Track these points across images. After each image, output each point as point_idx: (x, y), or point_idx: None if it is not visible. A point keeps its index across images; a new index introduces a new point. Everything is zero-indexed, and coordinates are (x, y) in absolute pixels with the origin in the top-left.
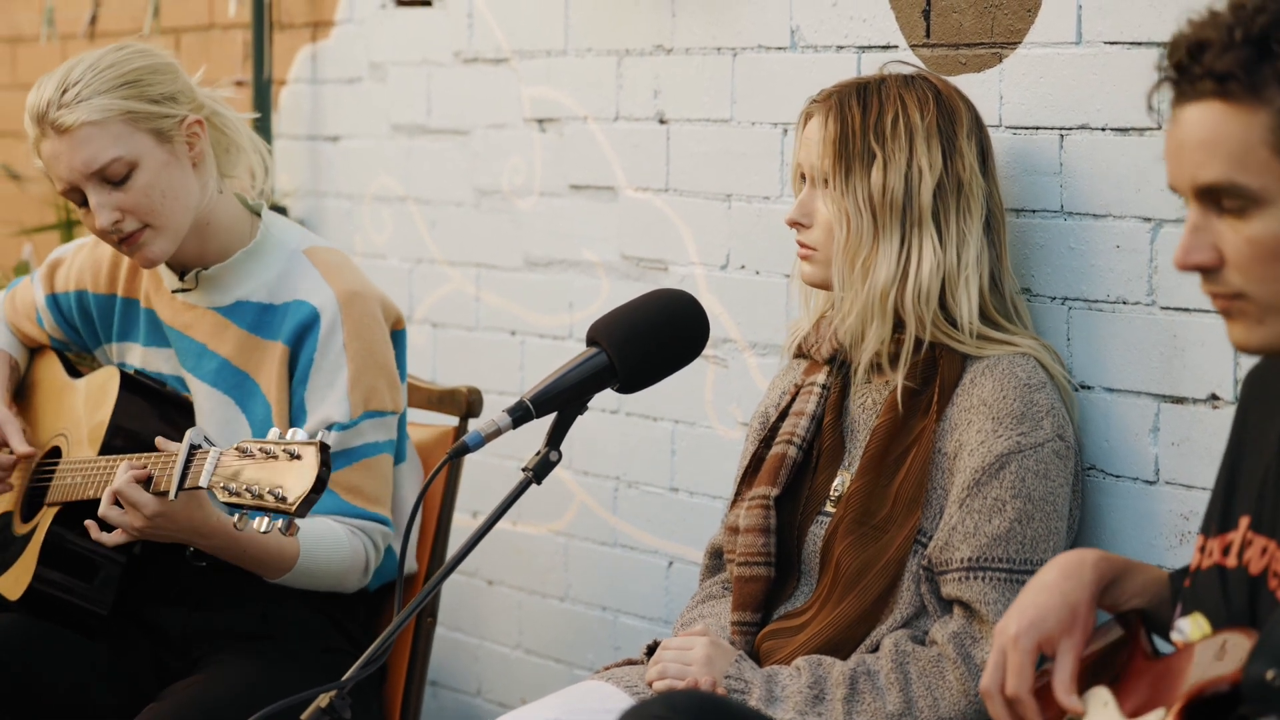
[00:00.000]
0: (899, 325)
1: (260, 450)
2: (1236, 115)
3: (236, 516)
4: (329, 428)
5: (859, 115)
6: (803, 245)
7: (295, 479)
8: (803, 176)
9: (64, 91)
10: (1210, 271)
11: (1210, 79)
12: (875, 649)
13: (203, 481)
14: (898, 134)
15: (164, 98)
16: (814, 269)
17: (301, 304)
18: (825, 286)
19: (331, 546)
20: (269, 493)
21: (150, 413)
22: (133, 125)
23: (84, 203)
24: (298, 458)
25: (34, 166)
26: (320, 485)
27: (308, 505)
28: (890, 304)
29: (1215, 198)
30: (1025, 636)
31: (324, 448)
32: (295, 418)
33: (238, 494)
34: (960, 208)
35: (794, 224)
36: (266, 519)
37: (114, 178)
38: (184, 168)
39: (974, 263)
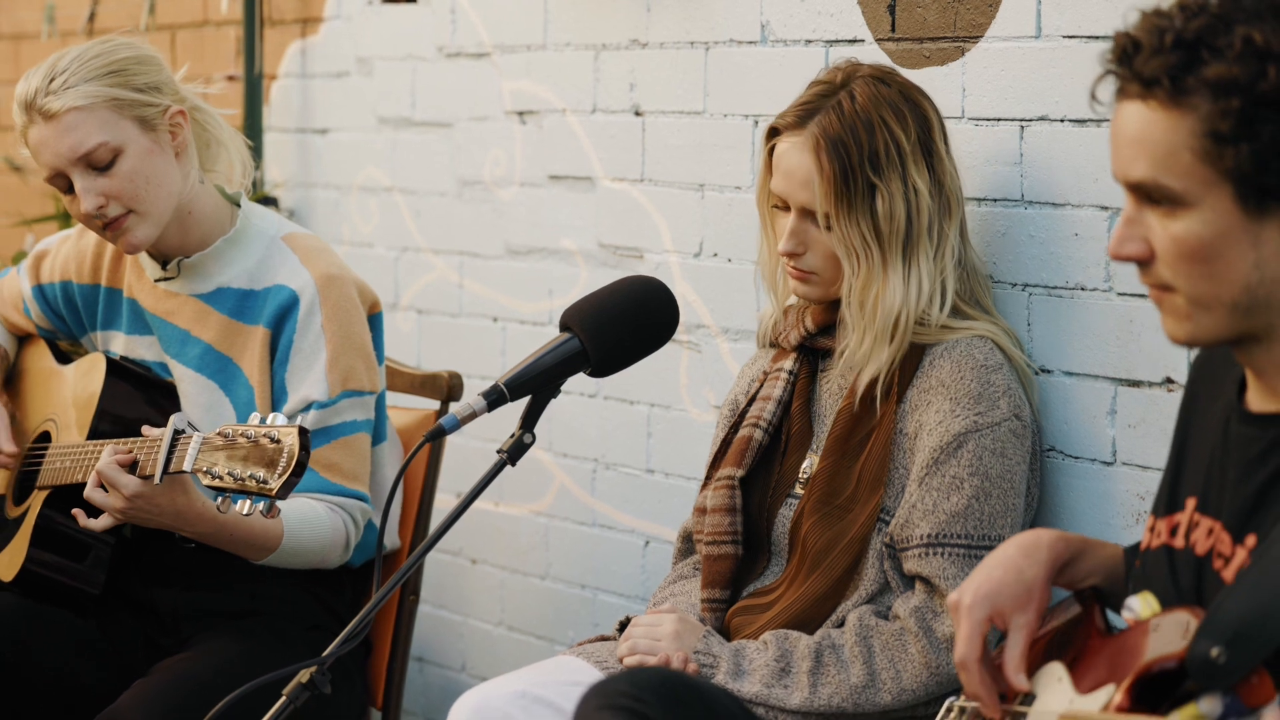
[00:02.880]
0: None
1: (242, 435)
2: (1163, 118)
3: (219, 500)
4: (308, 407)
5: (854, 149)
6: (799, 270)
7: (276, 463)
8: (777, 205)
9: (51, 80)
10: (1143, 263)
11: (1138, 82)
12: (841, 624)
13: (186, 466)
14: (891, 160)
15: (148, 87)
16: (811, 289)
17: (281, 288)
18: (823, 301)
19: (313, 525)
20: (250, 476)
21: (136, 397)
22: (118, 112)
23: (69, 189)
24: (278, 442)
25: (21, 155)
26: (300, 469)
27: (288, 488)
28: (901, 327)
29: (1145, 193)
30: (978, 607)
31: (303, 432)
32: (277, 399)
33: (220, 478)
34: (942, 211)
35: (789, 254)
36: (248, 502)
37: (99, 163)
38: (167, 156)
39: (952, 266)
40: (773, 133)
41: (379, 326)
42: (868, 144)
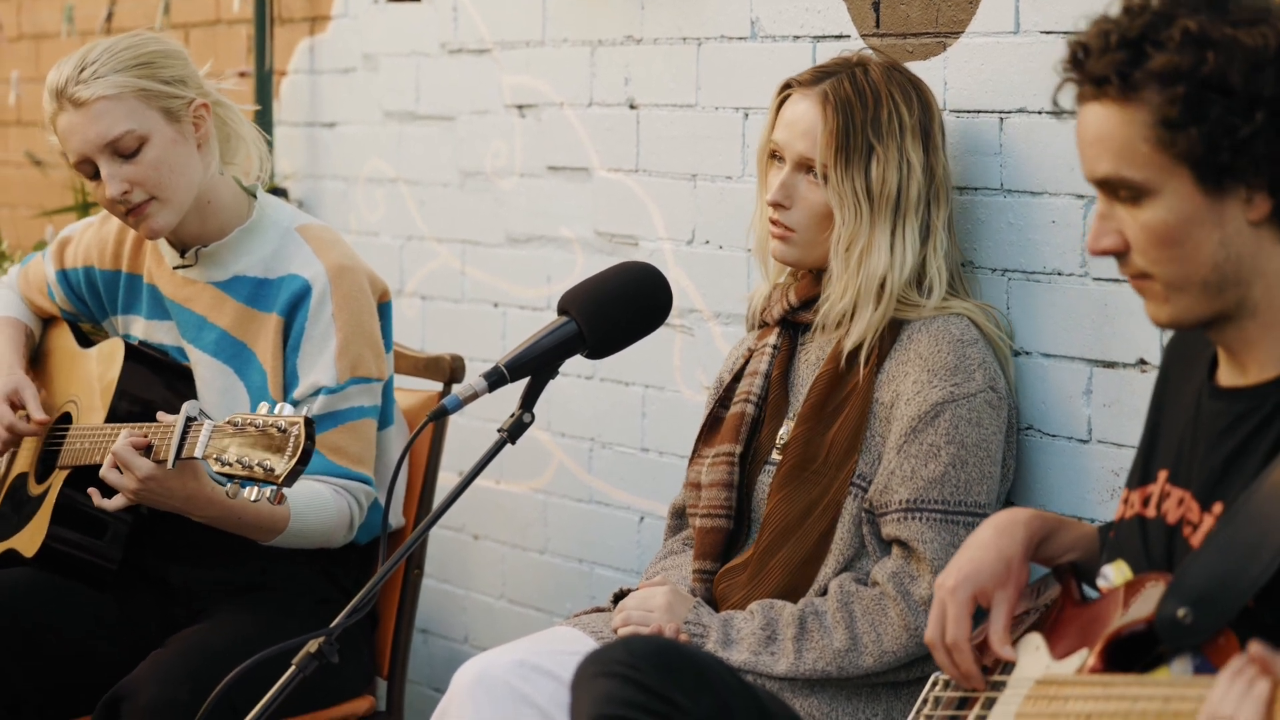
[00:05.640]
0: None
1: (251, 424)
2: (1117, 114)
3: (229, 485)
4: (317, 392)
5: (859, 110)
6: (780, 225)
7: (283, 451)
8: (774, 155)
9: (82, 69)
10: (1120, 255)
11: (1090, 83)
12: (824, 592)
13: (198, 452)
14: (892, 130)
15: (174, 80)
16: (789, 249)
17: (294, 278)
18: (798, 266)
19: (319, 507)
20: (258, 465)
21: (153, 380)
22: (145, 102)
23: (95, 175)
24: (284, 431)
25: (48, 142)
26: (305, 457)
27: (294, 476)
28: (887, 291)
29: (1113, 188)
30: (961, 589)
31: (309, 422)
32: (289, 383)
33: (230, 464)
34: (934, 200)
35: (775, 204)
36: (256, 488)
37: (125, 151)
38: (190, 147)
39: (943, 254)
40: (785, 88)
41: (388, 315)
42: (873, 108)
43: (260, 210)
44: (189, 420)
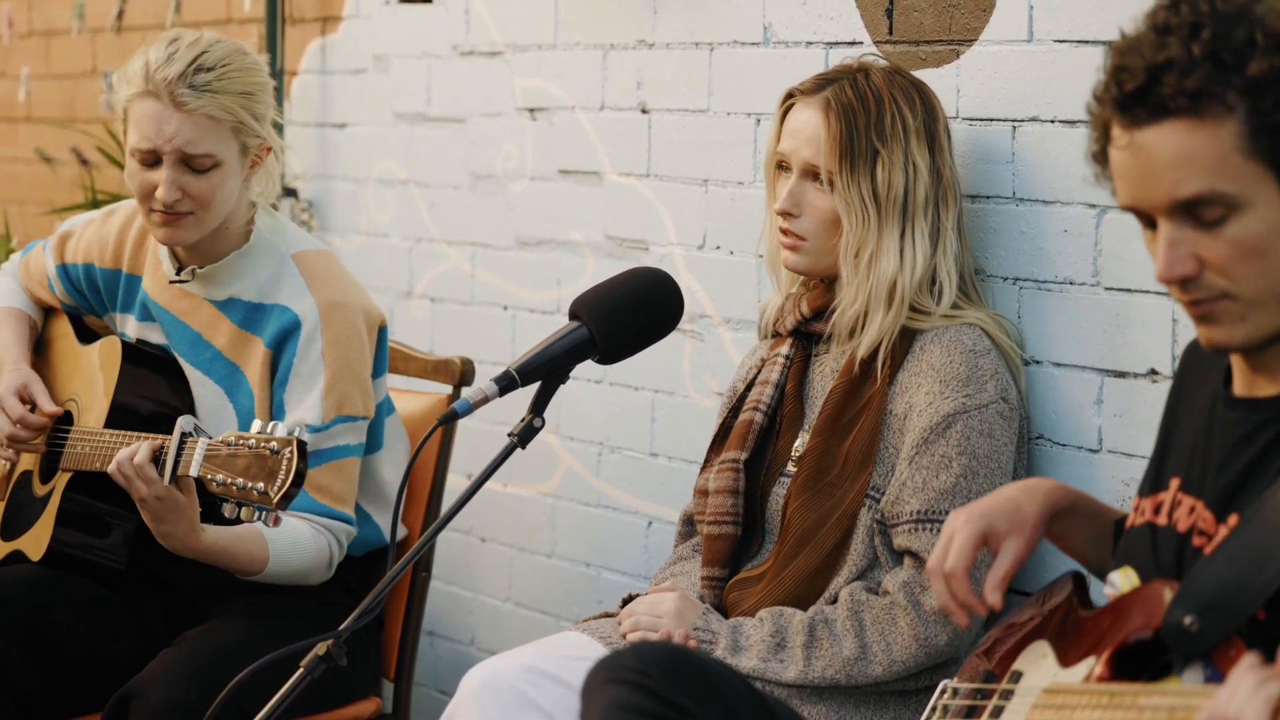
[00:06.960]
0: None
1: (244, 444)
2: (1205, 129)
3: (225, 506)
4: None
5: (862, 115)
6: (791, 234)
7: (276, 473)
8: (780, 165)
9: (197, 72)
10: (1189, 280)
11: (1184, 97)
12: (834, 600)
13: (193, 471)
14: (896, 133)
15: (261, 116)
16: (801, 258)
17: (285, 310)
18: (811, 274)
19: (300, 547)
20: (252, 487)
21: (153, 380)
22: (235, 133)
23: (151, 164)
24: (277, 454)
25: (104, 101)
26: (299, 479)
27: (288, 499)
28: (897, 295)
29: (1191, 210)
30: (971, 524)
31: (301, 444)
32: (275, 416)
33: (224, 485)
34: (941, 201)
35: (784, 213)
36: (251, 510)
37: (198, 166)
38: (240, 179)
39: (953, 256)
40: (788, 97)
41: (383, 342)
42: (876, 113)
43: (258, 234)
44: (184, 435)
